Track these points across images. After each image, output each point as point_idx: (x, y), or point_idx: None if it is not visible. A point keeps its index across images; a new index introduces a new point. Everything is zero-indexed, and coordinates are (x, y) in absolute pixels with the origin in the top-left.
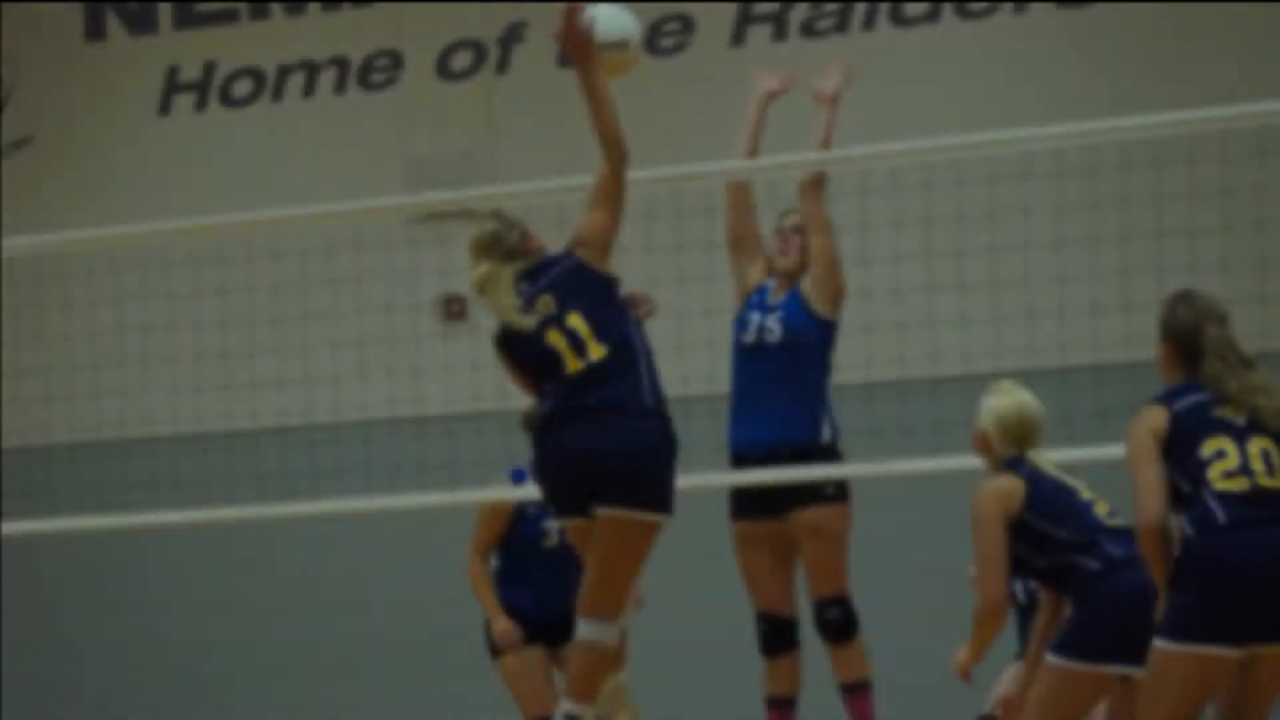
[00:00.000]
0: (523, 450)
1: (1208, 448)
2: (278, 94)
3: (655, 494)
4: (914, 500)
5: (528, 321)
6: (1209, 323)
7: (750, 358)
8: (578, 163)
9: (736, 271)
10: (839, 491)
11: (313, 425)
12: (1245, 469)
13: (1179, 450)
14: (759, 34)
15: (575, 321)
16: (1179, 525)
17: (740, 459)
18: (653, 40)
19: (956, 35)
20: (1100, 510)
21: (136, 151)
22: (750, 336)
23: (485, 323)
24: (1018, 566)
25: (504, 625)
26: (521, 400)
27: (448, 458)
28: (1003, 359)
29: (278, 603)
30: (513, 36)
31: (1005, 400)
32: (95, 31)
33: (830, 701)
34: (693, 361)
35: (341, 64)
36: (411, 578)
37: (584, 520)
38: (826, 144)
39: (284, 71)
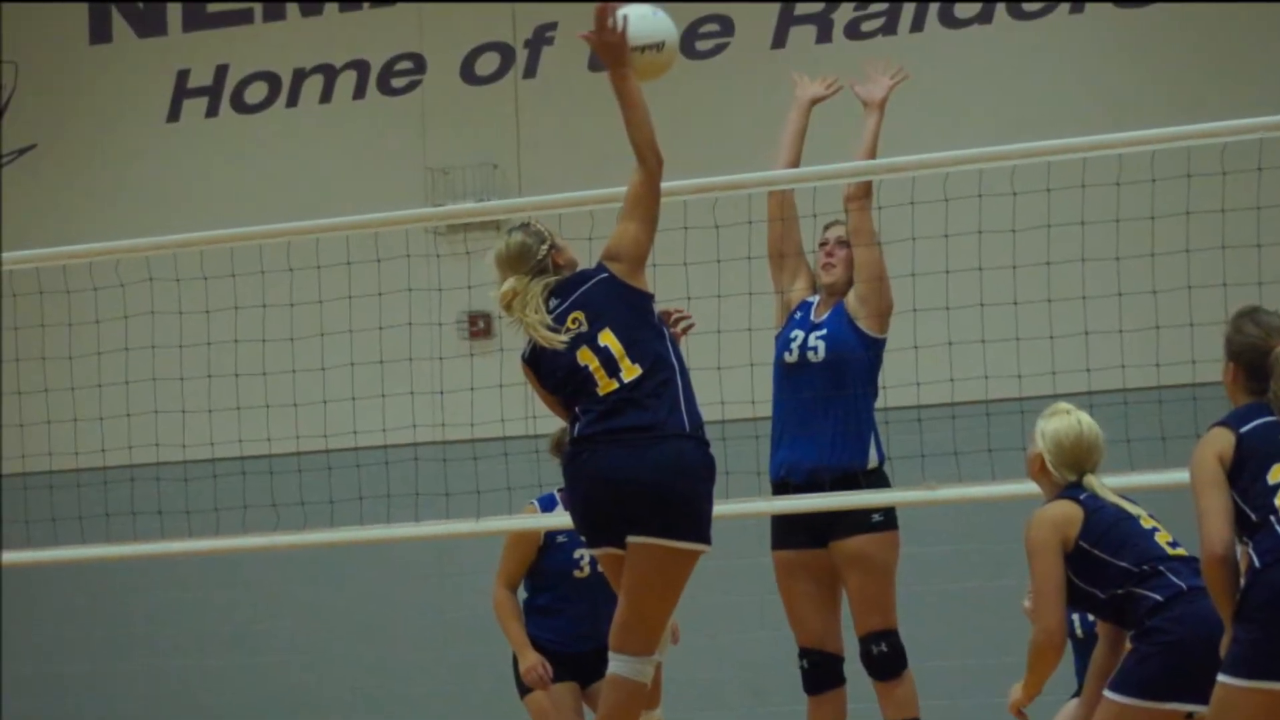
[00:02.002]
0: (552, 476)
1: (1276, 473)
2: (293, 99)
3: (691, 522)
4: (966, 528)
5: (557, 339)
6: (1277, 341)
7: (793, 378)
8: (609, 172)
9: (778, 286)
10: (886, 519)
11: (330, 449)
12: None
13: (1245, 475)
14: (802, 35)
15: (608, 339)
16: (1245, 554)
17: (782, 485)
18: (690, 42)
19: (1010, 37)
20: (1162, 539)
21: (144, 160)
22: (793, 355)
23: (512, 341)
24: (1075, 598)
25: (531, 660)
26: (550, 423)
27: (472, 484)
28: (1059, 380)
29: (294, 635)
30: (541, 39)
31: (1062, 423)
32: (101, 33)
33: None
34: (732, 382)
35: (360, 67)
36: (435, 610)
37: (617, 550)
38: (872, 152)
39: (300, 75)
